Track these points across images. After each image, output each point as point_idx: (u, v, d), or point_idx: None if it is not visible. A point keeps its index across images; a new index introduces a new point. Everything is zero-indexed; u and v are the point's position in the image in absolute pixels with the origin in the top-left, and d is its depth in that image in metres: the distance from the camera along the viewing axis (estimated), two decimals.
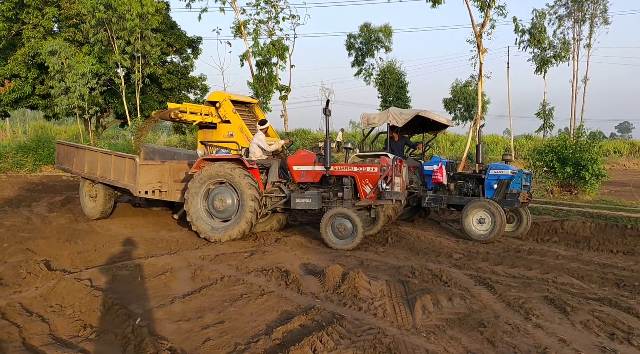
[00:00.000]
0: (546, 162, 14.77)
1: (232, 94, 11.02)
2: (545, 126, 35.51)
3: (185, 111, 10.23)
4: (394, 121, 9.89)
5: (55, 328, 4.40)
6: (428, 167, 9.85)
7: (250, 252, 7.25)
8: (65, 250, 7.32)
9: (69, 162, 10.81)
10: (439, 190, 9.78)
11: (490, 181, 9.24)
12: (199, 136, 11.69)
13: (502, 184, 9.13)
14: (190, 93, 30.97)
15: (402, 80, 29.63)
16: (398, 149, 10.66)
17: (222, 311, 4.72)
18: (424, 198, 9.67)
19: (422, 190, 9.92)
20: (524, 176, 9.26)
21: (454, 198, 9.56)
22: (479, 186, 9.55)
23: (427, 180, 9.91)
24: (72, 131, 38.56)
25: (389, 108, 10.28)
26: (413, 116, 9.87)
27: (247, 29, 25.53)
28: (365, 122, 10.49)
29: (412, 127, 11.05)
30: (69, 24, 26.17)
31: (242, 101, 11.27)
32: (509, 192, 9.06)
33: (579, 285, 5.82)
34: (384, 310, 4.75)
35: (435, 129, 11.56)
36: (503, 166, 9.44)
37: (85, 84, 22.49)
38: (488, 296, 5.29)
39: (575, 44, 32.28)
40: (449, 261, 7.07)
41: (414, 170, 10.13)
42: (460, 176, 9.95)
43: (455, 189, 9.68)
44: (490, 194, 9.24)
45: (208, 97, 11.40)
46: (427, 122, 10.77)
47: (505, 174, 9.18)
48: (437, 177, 9.50)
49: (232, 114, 10.40)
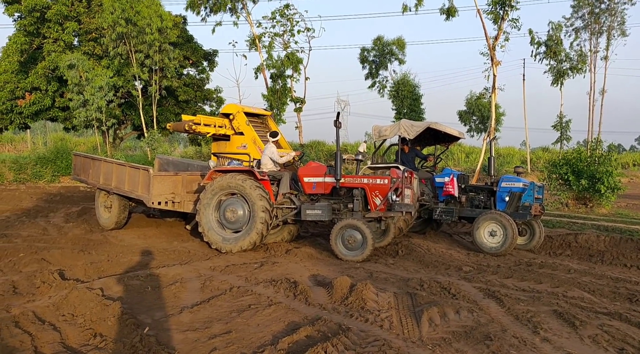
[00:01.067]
0: (561, 175, 14.62)
1: (245, 106, 11.16)
2: (562, 138, 35.12)
3: (199, 123, 10.38)
4: (405, 133, 9.93)
5: (66, 337, 4.48)
6: (440, 179, 9.84)
7: (260, 263, 7.31)
8: (80, 260, 7.46)
9: (85, 174, 11.04)
10: (451, 202, 9.76)
11: (502, 194, 9.21)
12: (212, 148, 11.83)
13: (514, 197, 9.09)
14: (206, 105, 31.41)
15: (416, 92, 29.62)
16: (409, 160, 10.69)
17: (229, 322, 4.77)
18: (436, 210, 9.64)
19: (433, 202, 9.89)
20: (536, 188, 9.16)
21: (465, 210, 9.52)
22: (490, 198, 9.52)
23: (438, 192, 9.87)
24: (91, 142, 39.23)
25: (401, 120, 10.31)
26: (424, 128, 9.87)
27: (262, 42, 25.87)
28: (376, 134, 10.51)
29: (424, 139, 11.04)
30: (89, 38, 26.82)
31: (255, 113, 11.40)
32: (520, 204, 9.00)
33: (590, 299, 5.75)
34: (391, 322, 4.75)
35: (446, 141, 11.54)
36: (515, 178, 9.39)
37: (102, 96, 22.97)
38: (496, 309, 5.26)
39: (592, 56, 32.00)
40: (459, 273, 7.04)
41: (425, 182, 10.11)
42: (472, 188, 9.94)
43: (467, 202, 9.67)
44: (501, 206, 9.20)
45: (222, 109, 11.55)
46: (438, 134, 10.76)
47: (517, 187, 9.14)
48: (449, 189, 9.49)
49: (245, 126, 10.52)
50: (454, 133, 10.62)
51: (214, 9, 25.97)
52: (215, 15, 26.35)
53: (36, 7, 25.47)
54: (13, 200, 15.44)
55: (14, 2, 26.62)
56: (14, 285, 5.92)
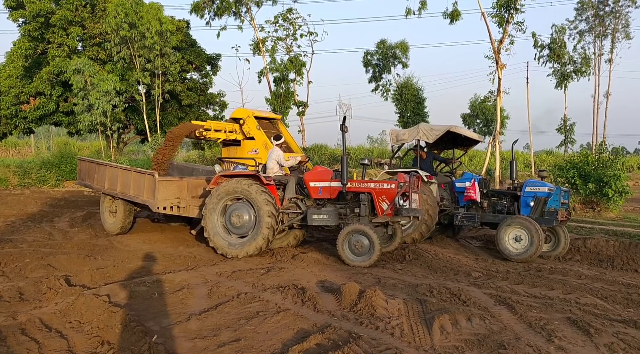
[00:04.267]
0: (567, 179, 14.53)
1: (255, 110, 11.09)
2: (567, 142, 35.06)
3: (210, 128, 10.29)
4: (425, 137, 9.69)
5: (73, 344, 4.43)
6: (460, 184, 9.61)
7: (267, 268, 7.24)
8: (85, 266, 7.41)
9: (90, 178, 10.99)
10: (472, 207, 9.50)
11: (527, 198, 8.92)
12: (222, 153, 11.75)
13: (539, 202, 8.81)
14: (209, 109, 31.44)
15: (420, 95, 29.64)
16: (427, 165, 10.41)
17: (237, 329, 4.71)
18: (456, 216, 9.38)
19: (453, 207, 9.65)
20: (562, 193, 8.88)
21: (487, 216, 9.24)
22: (514, 204, 9.25)
23: (458, 197, 9.64)
24: (95, 146, 39.28)
25: (419, 124, 10.04)
26: (444, 132, 9.62)
27: (265, 46, 25.91)
28: (394, 138, 10.28)
29: (442, 143, 10.79)
30: (93, 43, 26.90)
31: (265, 117, 11.31)
32: (546, 210, 8.72)
33: (603, 306, 5.66)
34: (402, 330, 4.68)
35: (465, 145, 11.26)
36: (540, 182, 9.12)
37: (107, 101, 23.01)
38: (508, 316, 5.18)
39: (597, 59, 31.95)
40: (468, 279, 6.96)
41: (444, 187, 9.87)
42: (494, 193, 9.66)
43: (489, 207, 9.39)
44: (526, 211, 8.91)
45: (232, 114, 11.43)
46: (456, 138, 10.52)
47: (542, 191, 8.86)
48: (470, 194, 9.25)
49: (256, 130, 10.42)
50: (473, 137, 10.39)
51: (218, 12, 26.08)
52: (220, 19, 26.45)
53: (40, 12, 25.56)
54: (18, 205, 15.42)
55: (18, 8, 26.72)
56: (20, 291, 5.87)
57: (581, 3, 31.59)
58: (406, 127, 30.54)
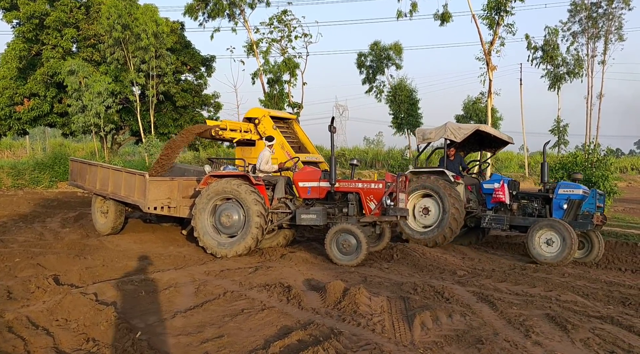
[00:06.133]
0: (557, 179, 14.64)
1: (270, 110, 11.05)
2: (560, 143, 35.28)
3: (225, 128, 10.24)
4: (452, 136, 9.44)
5: (59, 342, 4.49)
6: (488, 186, 9.35)
7: (255, 267, 7.32)
8: (75, 265, 7.47)
9: (82, 179, 11.04)
10: (500, 210, 9.21)
11: (560, 201, 8.62)
12: (236, 153, 11.65)
13: (573, 204, 8.49)
14: (204, 110, 31.50)
15: (413, 97, 29.73)
16: (454, 165, 10.07)
17: (222, 326, 4.79)
18: (484, 218, 9.07)
19: (480, 210, 9.43)
20: (598, 196, 8.55)
21: (517, 219, 8.93)
22: (545, 206, 8.95)
23: (486, 199, 9.41)
24: (89, 148, 39.25)
25: (446, 123, 9.74)
26: (473, 131, 9.41)
27: (259, 47, 26.01)
28: (420, 137, 10.06)
29: (469, 143, 10.43)
30: (87, 44, 26.93)
31: (281, 117, 11.25)
32: (580, 213, 8.42)
33: (583, 303, 5.76)
34: (383, 326, 4.76)
35: (494, 147, 10.81)
36: (574, 184, 8.81)
37: (101, 102, 23.05)
38: (489, 313, 5.27)
39: (590, 61, 32.15)
40: (453, 278, 7.05)
41: (471, 188, 9.67)
42: (524, 195, 9.35)
43: (519, 209, 9.09)
44: (559, 215, 8.60)
45: (246, 113, 11.32)
46: (484, 138, 10.22)
47: (576, 194, 8.53)
48: (499, 196, 8.96)
49: (272, 130, 10.34)
50: (503, 137, 10.05)
51: (212, 14, 26.17)
52: (213, 21, 26.53)
53: (35, 14, 25.57)
54: (10, 205, 15.44)
55: (12, 9, 26.72)
56: (9, 290, 5.93)
57: (574, 5, 31.79)
58: (400, 128, 30.76)
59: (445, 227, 8.99)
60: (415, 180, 9.54)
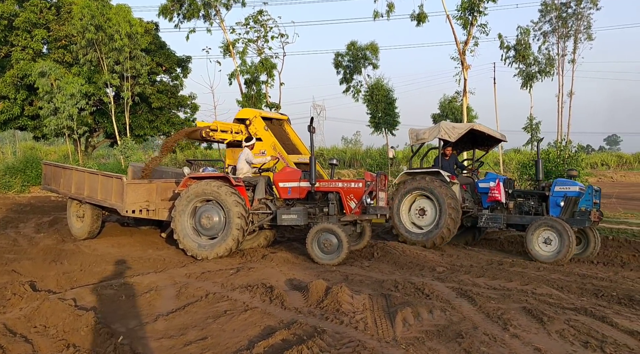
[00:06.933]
0: (530, 176, 14.99)
1: (262, 111, 10.96)
2: (533, 140, 35.98)
3: (216, 129, 10.11)
4: (446, 135, 9.37)
5: (38, 348, 4.43)
6: (483, 185, 9.31)
7: (237, 269, 7.30)
8: (51, 271, 7.35)
9: (56, 183, 10.83)
10: (497, 209, 9.18)
11: (556, 198, 8.60)
12: (227, 155, 11.51)
13: (570, 202, 8.48)
14: (180, 112, 31.18)
15: (390, 96, 29.93)
16: (449, 165, 10.03)
17: (204, 328, 4.78)
18: (481, 218, 9.04)
19: (477, 209, 9.39)
20: (594, 192, 8.59)
21: (514, 217, 8.92)
22: (542, 204, 8.94)
23: (482, 198, 9.39)
24: (62, 151, 38.45)
25: (440, 122, 9.66)
26: (467, 130, 9.41)
27: (236, 48, 25.87)
28: (414, 137, 9.98)
29: (461, 142, 10.33)
30: (58, 45, 26.39)
31: (272, 118, 11.16)
32: (577, 210, 8.43)
33: (558, 295, 5.93)
34: (365, 323, 4.82)
35: (487, 145, 10.79)
36: (570, 182, 8.79)
37: (74, 104, 22.59)
38: (468, 307, 5.38)
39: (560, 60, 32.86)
40: (433, 274, 7.16)
41: (466, 188, 9.65)
42: (520, 193, 9.33)
43: (515, 208, 9.07)
44: (555, 212, 8.59)
45: (237, 114, 11.19)
46: (477, 137, 10.21)
47: (573, 191, 8.51)
48: (495, 195, 8.92)
49: (263, 131, 10.23)
50: (496, 136, 10.05)
51: (187, 15, 25.91)
52: (189, 21, 26.27)
53: (3, 14, 24.94)
54: None
55: None
56: None
57: (545, 5, 32.44)
58: (377, 128, 30.95)
59: (443, 228, 8.94)
60: (410, 181, 9.50)
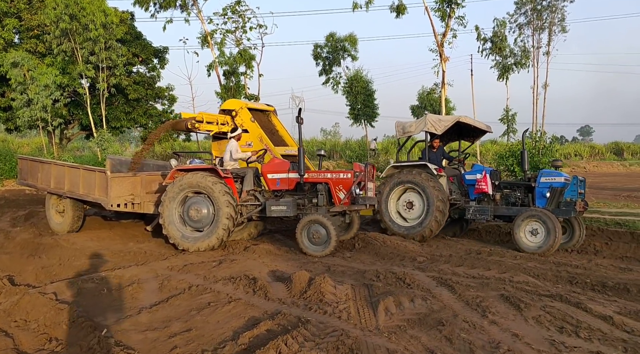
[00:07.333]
0: (507, 166, 15.28)
1: (248, 102, 10.83)
2: (509, 131, 36.55)
3: (202, 120, 9.96)
4: (433, 128, 9.34)
5: (19, 342, 4.39)
6: (470, 177, 9.35)
7: (219, 261, 7.31)
8: (29, 265, 7.25)
9: (33, 178, 10.55)
10: (484, 200, 9.22)
11: (542, 189, 8.67)
12: (212, 148, 11.36)
13: (556, 192, 8.55)
14: (158, 103, 30.73)
15: (370, 88, 30.02)
16: (436, 158, 10.03)
17: (189, 320, 4.79)
18: (468, 210, 9.11)
19: (464, 201, 9.42)
20: (579, 182, 8.63)
21: (501, 209, 8.97)
22: (528, 195, 8.99)
23: (469, 190, 9.42)
24: (35, 143, 37.65)
25: (426, 115, 9.63)
26: (453, 123, 9.41)
27: (214, 38, 25.60)
28: (400, 131, 9.92)
29: (447, 134, 10.26)
30: (30, 35, 25.69)
31: (258, 109, 11.04)
32: (563, 200, 8.47)
33: (534, 283, 6.10)
34: (348, 313, 4.89)
35: (472, 136, 10.81)
36: (555, 172, 8.87)
37: (48, 95, 22.09)
38: (448, 296, 5.50)
39: (535, 52, 33.36)
40: (413, 264, 7.28)
41: (453, 180, 9.67)
42: (506, 184, 9.40)
43: (502, 199, 9.11)
44: (541, 203, 8.66)
45: (222, 105, 11.02)
46: (463, 129, 10.26)
47: (558, 182, 8.58)
48: (482, 186, 8.95)
49: (250, 122, 10.12)
50: (482, 127, 10.05)
51: (164, 4, 25.50)
52: (165, 11, 25.86)
53: None
54: None
55: None
56: None
57: None
58: (356, 119, 31.06)
59: (431, 221, 8.97)
60: (397, 174, 9.52)
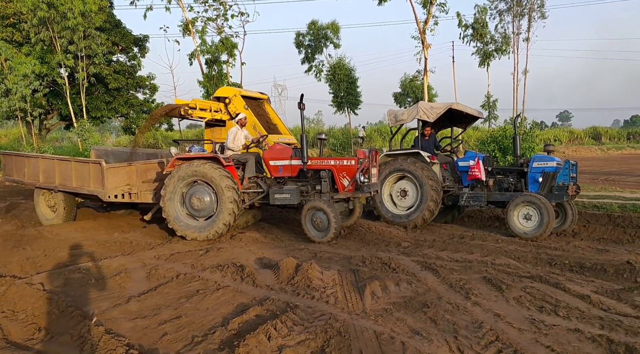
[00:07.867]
0: (489, 152, 15.48)
1: (241, 89, 10.71)
2: (490, 117, 36.98)
3: (195, 107, 9.83)
4: (425, 116, 9.33)
5: (8, 333, 4.40)
6: (463, 163, 9.40)
7: (206, 249, 7.35)
8: (14, 256, 7.20)
9: (20, 173, 10.31)
10: (477, 187, 9.27)
11: (535, 174, 8.74)
12: (205, 135, 11.21)
13: (548, 177, 8.63)
14: (139, 93, 30.33)
15: (352, 75, 30.01)
16: (429, 145, 10.01)
17: (178, 307, 4.84)
18: (462, 196, 9.15)
19: (457, 188, 9.46)
20: (571, 167, 8.66)
21: (494, 194, 9.01)
22: (521, 180, 9.05)
23: (462, 177, 9.48)
24: (13, 134, 36.98)
25: (418, 103, 9.62)
26: (445, 110, 9.37)
27: (195, 27, 25.27)
28: (392, 119, 9.92)
29: (440, 121, 10.32)
30: (6, 23, 25.07)
31: (252, 97, 10.93)
32: (555, 185, 8.54)
33: (515, 265, 6.28)
34: (336, 297, 5.00)
35: (464, 123, 10.83)
36: (547, 157, 8.90)
37: (27, 85, 21.65)
38: (433, 279, 5.64)
39: (515, 38, 33.64)
40: (398, 249, 7.41)
41: (446, 167, 9.72)
42: (499, 170, 9.42)
43: (495, 185, 9.16)
44: (534, 188, 8.73)
45: (216, 92, 10.88)
46: (455, 115, 10.26)
47: (550, 166, 8.66)
48: (475, 173, 9.02)
49: (243, 110, 10.01)
50: (474, 113, 10.08)
51: None
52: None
53: None
54: None
55: None
56: None
57: None
58: (340, 107, 31.09)
59: (425, 209, 9.03)
60: (390, 163, 9.57)
